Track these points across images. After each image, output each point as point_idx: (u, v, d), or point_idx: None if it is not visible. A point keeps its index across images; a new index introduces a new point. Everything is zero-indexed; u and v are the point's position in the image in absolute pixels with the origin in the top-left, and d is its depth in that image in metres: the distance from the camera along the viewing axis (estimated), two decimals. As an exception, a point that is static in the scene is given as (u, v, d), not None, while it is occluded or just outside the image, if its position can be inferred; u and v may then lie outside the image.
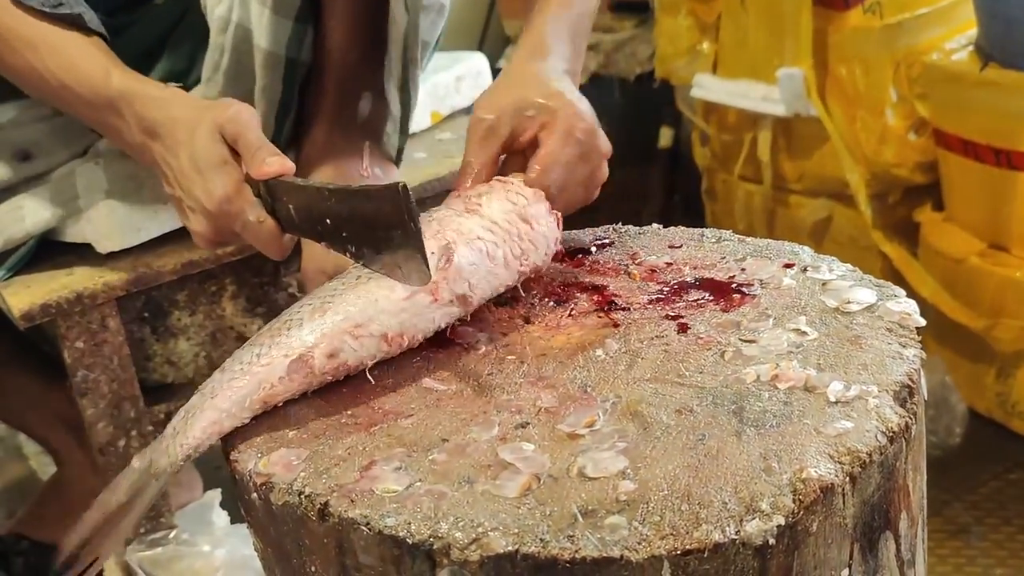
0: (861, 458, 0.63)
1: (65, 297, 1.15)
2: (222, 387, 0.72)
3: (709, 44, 2.22)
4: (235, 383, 0.72)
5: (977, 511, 1.65)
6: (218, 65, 1.17)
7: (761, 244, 0.88)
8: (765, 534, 0.58)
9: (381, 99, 1.22)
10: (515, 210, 0.82)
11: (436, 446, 0.68)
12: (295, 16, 1.14)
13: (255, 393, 0.72)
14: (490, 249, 0.79)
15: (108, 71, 1.00)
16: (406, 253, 0.75)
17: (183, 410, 0.74)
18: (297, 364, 0.73)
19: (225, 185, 0.89)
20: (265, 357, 0.73)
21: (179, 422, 0.73)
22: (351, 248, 0.81)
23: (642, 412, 0.68)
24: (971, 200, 1.83)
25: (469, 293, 0.78)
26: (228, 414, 0.72)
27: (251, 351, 0.74)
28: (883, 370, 0.69)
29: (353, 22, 1.17)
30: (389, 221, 0.75)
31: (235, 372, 0.73)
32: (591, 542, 0.58)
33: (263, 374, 0.72)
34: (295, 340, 0.74)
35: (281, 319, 0.77)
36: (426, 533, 0.60)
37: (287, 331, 0.75)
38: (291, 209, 0.87)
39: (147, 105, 0.97)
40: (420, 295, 0.76)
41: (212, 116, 0.92)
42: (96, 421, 1.19)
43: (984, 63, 1.73)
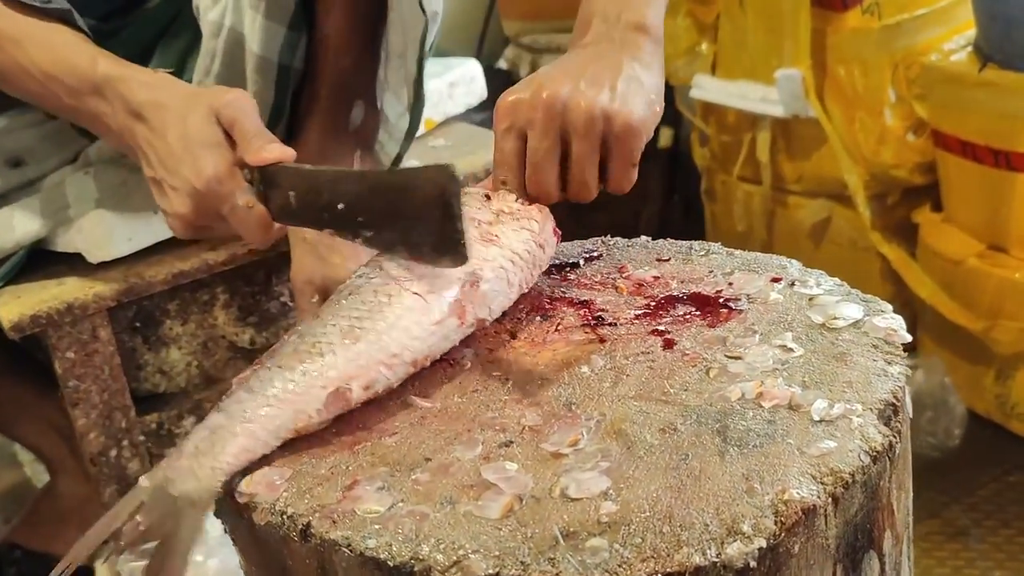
0: (844, 479, 0.62)
1: (56, 308, 1.15)
2: (254, 413, 0.70)
3: (708, 45, 2.22)
4: (269, 411, 0.70)
5: (976, 513, 1.64)
6: (209, 69, 1.17)
7: (749, 257, 0.87)
8: (746, 557, 0.58)
9: (373, 107, 1.21)
10: (532, 238, 0.83)
11: (419, 465, 0.68)
12: (288, 23, 1.14)
13: (290, 424, 0.70)
14: (510, 277, 0.81)
15: (95, 58, 0.99)
16: (443, 235, 0.74)
17: (204, 428, 0.70)
18: (334, 397, 0.71)
19: (216, 165, 0.88)
20: (300, 386, 0.71)
21: (202, 442, 0.69)
22: (365, 233, 0.79)
23: (626, 431, 0.68)
24: (970, 201, 1.82)
25: (487, 317, 0.80)
26: (263, 443, 0.70)
27: (281, 376, 0.72)
28: (868, 388, 0.69)
29: (348, 30, 1.17)
30: (427, 202, 0.74)
31: (268, 398, 0.71)
32: (572, 565, 0.58)
33: (300, 404, 0.71)
34: (331, 371, 0.72)
35: (306, 339, 0.74)
36: (407, 555, 0.60)
37: (320, 357, 0.72)
38: (291, 196, 0.85)
39: (133, 87, 0.96)
40: (450, 319, 0.76)
41: (208, 100, 0.91)
42: (87, 431, 1.20)
43: (983, 64, 1.73)
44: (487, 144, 1.42)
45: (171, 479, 0.69)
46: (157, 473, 0.70)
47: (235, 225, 0.90)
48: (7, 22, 1.01)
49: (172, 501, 0.68)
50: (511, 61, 2.68)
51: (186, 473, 0.68)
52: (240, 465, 0.69)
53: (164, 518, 0.68)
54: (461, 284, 0.77)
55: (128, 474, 1.23)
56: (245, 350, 1.28)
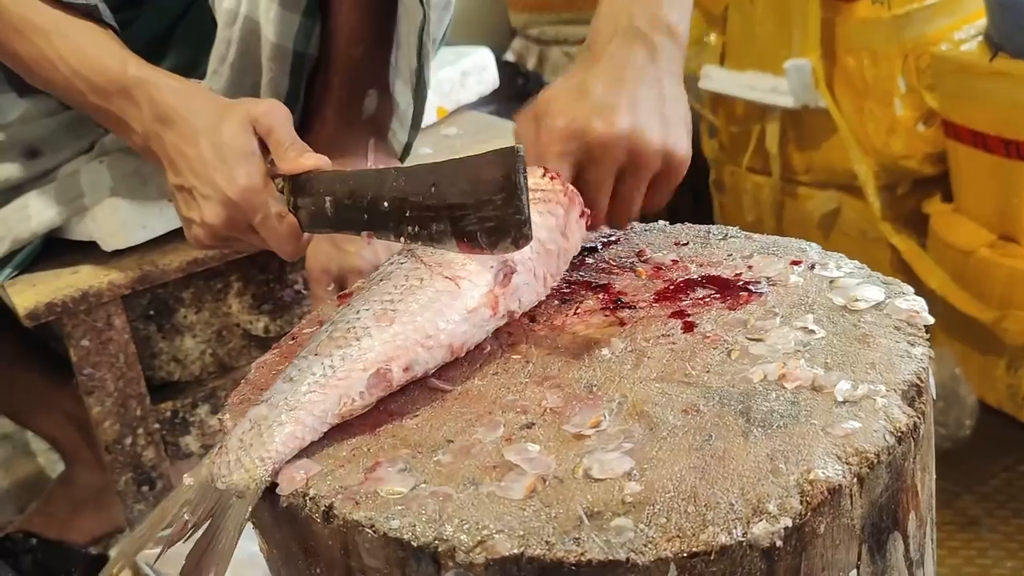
0: (869, 459, 0.62)
1: (71, 296, 1.15)
2: (298, 400, 0.70)
3: (716, 36, 2.21)
4: (313, 397, 0.70)
5: (987, 503, 1.64)
6: (224, 57, 1.17)
7: (768, 241, 0.87)
8: (772, 536, 0.58)
9: (387, 95, 1.21)
10: (556, 226, 0.81)
11: (441, 447, 0.68)
12: (303, 10, 1.14)
13: (335, 408, 0.70)
14: (536, 269, 0.80)
15: (125, 59, 0.99)
16: (506, 218, 0.73)
17: (247, 422, 0.70)
18: (376, 378, 0.71)
19: (251, 174, 0.89)
20: (341, 371, 0.71)
21: (247, 435, 0.69)
22: (409, 230, 0.79)
23: (648, 412, 0.67)
24: (980, 191, 1.82)
25: (517, 309, 0.79)
26: (310, 428, 0.69)
27: (320, 363, 0.71)
28: (891, 369, 0.69)
29: (360, 18, 1.17)
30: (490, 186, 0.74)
31: (310, 385, 0.70)
32: (597, 544, 0.58)
33: (343, 388, 0.70)
34: (370, 353, 0.72)
35: (340, 326, 0.74)
36: (431, 536, 0.60)
37: (356, 341, 0.72)
38: (327, 202, 0.85)
39: (165, 92, 0.96)
40: (483, 308, 0.76)
41: (245, 108, 0.92)
42: (102, 419, 1.20)
43: (993, 53, 1.72)
44: (499, 133, 1.42)
45: (217, 474, 0.68)
46: (201, 470, 0.70)
47: (265, 235, 0.90)
48: (35, 12, 1.01)
49: (218, 495, 0.68)
50: (518, 52, 2.68)
51: (234, 466, 0.68)
52: (289, 453, 0.68)
53: (210, 511, 0.68)
54: (495, 274, 0.77)
55: (143, 462, 1.23)
56: (259, 338, 1.28)
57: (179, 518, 0.69)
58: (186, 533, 0.68)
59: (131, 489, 1.22)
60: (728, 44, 2.19)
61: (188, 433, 1.26)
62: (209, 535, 0.67)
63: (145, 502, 1.24)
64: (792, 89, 2.00)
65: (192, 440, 1.26)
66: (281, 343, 0.84)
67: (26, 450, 1.88)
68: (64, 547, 1.38)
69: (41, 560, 1.35)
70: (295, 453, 0.69)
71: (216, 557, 0.66)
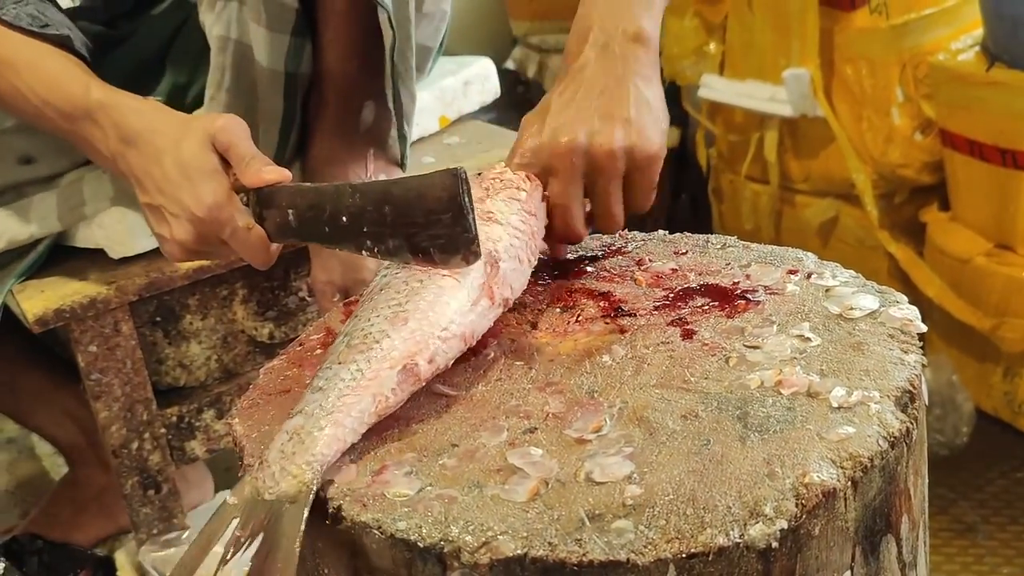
0: (863, 463, 0.63)
1: (79, 302, 1.17)
2: (334, 404, 0.70)
3: (716, 45, 2.23)
4: (348, 399, 0.70)
5: (984, 510, 1.66)
6: (220, 84, 1.18)
7: (765, 250, 0.89)
8: (768, 538, 0.60)
9: (383, 105, 1.23)
10: (522, 207, 0.84)
11: (446, 451, 0.69)
12: (291, 31, 1.15)
13: (371, 407, 0.71)
14: (519, 254, 0.82)
15: (88, 84, 1.01)
16: (454, 236, 0.76)
17: (284, 434, 0.69)
18: (404, 374, 0.72)
19: (215, 192, 0.90)
20: (369, 372, 0.72)
21: (287, 445, 0.69)
22: (368, 244, 0.81)
23: (648, 417, 0.69)
24: (977, 200, 1.83)
25: (510, 296, 0.81)
26: (350, 430, 0.70)
27: (348, 368, 0.72)
28: (885, 376, 0.70)
29: (349, 34, 1.18)
30: (437, 206, 0.76)
31: (342, 389, 0.71)
32: (598, 546, 0.59)
33: (374, 387, 0.71)
34: (393, 352, 0.73)
35: (355, 335, 0.75)
36: (437, 537, 0.62)
37: (377, 344, 0.73)
38: (290, 214, 0.87)
39: (126, 114, 0.97)
40: (483, 299, 0.78)
41: (202, 126, 0.92)
42: (109, 424, 1.21)
43: (990, 63, 1.74)
44: (501, 141, 1.43)
45: (263, 488, 0.68)
46: (244, 488, 0.69)
47: (235, 247, 0.92)
48: (4, 46, 1.03)
49: (268, 506, 0.67)
50: (518, 61, 2.69)
51: (279, 476, 0.68)
52: (333, 456, 0.68)
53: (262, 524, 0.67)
54: (484, 266, 0.79)
55: (149, 466, 1.24)
56: (264, 344, 1.30)
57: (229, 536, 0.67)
58: (240, 549, 0.67)
59: (137, 493, 1.24)
60: (727, 53, 2.20)
61: (193, 438, 1.27)
62: (266, 546, 0.66)
63: (151, 506, 1.25)
64: (791, 98, 2.02)
65: (197, 445, 1.28)
66: (288, 349, 0.86)
67: (31, 454, 1.89)
68: (70, 549, 1.39)
69: (47, 562, 1.36)
70: (339, 456, 0.69)
71: (278, 565, 0.65)
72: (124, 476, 1.23)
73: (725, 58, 2.21)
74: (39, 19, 1.04)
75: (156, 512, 1.25)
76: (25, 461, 1.88)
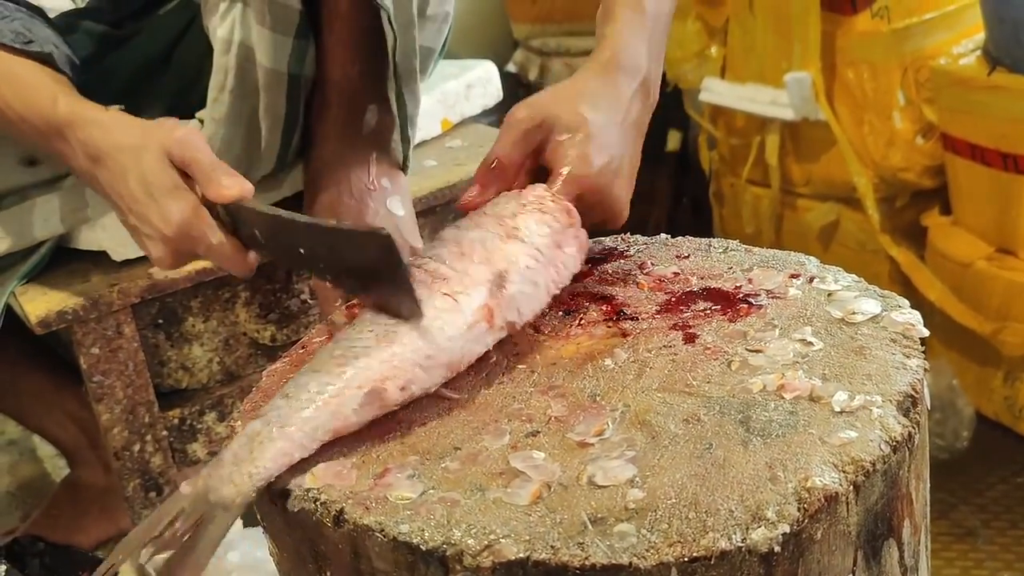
0: (865, 467, 0.64)
1: (81, 304, 1.17)
2: (291, 417, 0.70)
3: (717, 48, 2.23)
4: (305, 413, 0.70)
5: (984, 514, 1.66)
6: (223, 85, 1.18)
7: (768, 254, 0.89)
8: (770, 542, 0.60)
9: (386, 109, 1.23)
10: (551, 235, 0.83)
11: (448, 454, 0.69)
12: (295, 33, 1.15)
13: (328, 424, 0.71)
14: (535, 277, 0.81)
15: (55, 97, 0.99)
16: (395, 294, 0.76)
17: (243, 436, 0.71)
18: (371, 396, 0.72)
19: (182, 210, 0.89)
20: (335, 388, 0.72)
21: (241, 449, 0.70)
22: (328, 277, 0.82)
23: (650, 421, 0.69)
24: (978, 204, 1.83)
25: (517, 320, 0.80)
26: (300, 445, 0.70)
27: (318, 379, 0.72)
28: (887, 380, 0.70)
29: (351, 36, 1.18)
30: (374, 264, 0.76)
31: (303, 401, 0.71)
32: (601, 549, 0.60)
33: (335, 405, 0.71)
34: (367, 372, 0.72)
35: (341, 344, 0.75)
36: (439, 540, 0.62)
37: (355, 360, 0.73)
38: (257, 234, 0.87)
39: (89, 130, 0.95)
40: (480, 324, 0.76)
41: (158, 140, 0.90)
42: (111, 426, 1.21)
43: (992, 67, 1.74)
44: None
45: (211, 486, 0.69)
46: (198, 481, 0.70)
47: (213, 260, 0.92)
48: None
49: (207, 507, 0.69)
50: (520, 64, 2.70)
51: (225, 480, 0.69)
52: (278, 469, 0.69)
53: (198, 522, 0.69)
54: (488, 286, 0.78)
55: (151, 468, 1.24)
56: (266, 347, 1.30)
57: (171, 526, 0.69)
58: (176, 542, 0.69)
59: (139, 495, 1.24)
60: (729, 57, 2.21)
61: (195, 440, 1.27)
62: (188, 546, 0.68)
63: (153, 508, 1.25)
64: (792, 101, 2.02)
65: (199, 447, 1.28)
66: (291, 351, 0.86)
67: (32, 456, 1.89)
68: (71, 551, 1.39)
69: (49, 564, 1.36)
70: (284, 469, 0.70)
71: (191, 566, 0.67)
72: (126, 478, 1.23)
73: (726, 61, 2.21)
74: (23, 35, 1.04)
75: (158, 514, 1.25)
76: (26, 463, 1.88)
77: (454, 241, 0.82)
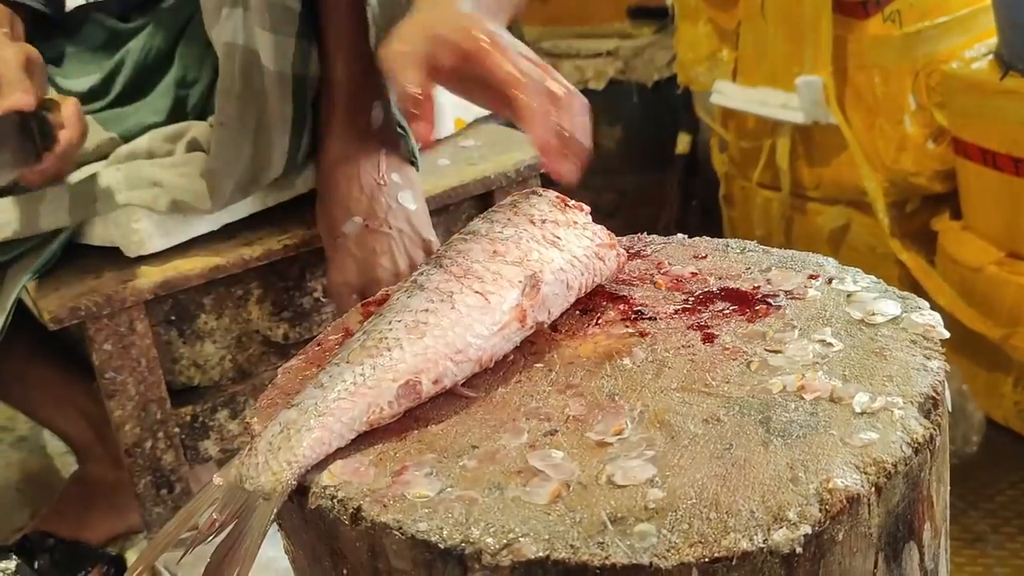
0: (887, 469, 0.63)
1: (94, 300, 1.17)
2: (329, 406, 0.71)
3: (729, 51, 2.23)
4: (343, 404, 0.71)
5: (994, 519, 1.65)
6: (230, 91, 1.18)
7: (786, 255, 0.89)
8: (792, 543, 0.59)
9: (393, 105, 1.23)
10: (591, 247, 0.83)
11: (466, 452, 0.69)
12: (296, 33, 1.15)
13: (364, 416, 0.71)
14: (569, 280, 0.81)
15: None
16: None
17: (276, 424, 0.71)
18: (406, 389, 0.72)
19: None
20: (371, 379, 0.72)
21: (276, 437, 0.70)
22: None
23: (670, 421, 0.69)
24: (989, 209, 1.83)
25: (546, 319, 0.80)
26: (337, 435, 0.70)
27: (352, 371, 0.72)
28: (908, 382, 0.70)
29: (351, 34, 1.18)
30: None
31: (340, 392, 0.71)
32: (621, 549, 0.59)
33: (372, 396, 0.71)
34: (400, 364, 0.73)
35: (371, 335, 0.75)
36: (458, 538, 0.61)
37: (388, 352, 0.73)
38: None
39: None
40: (512, 323, 0.77)
41: None
42: (123, 422, 1.21)
43: (1004, 72, 1.74)
44: (515, 144, 1.43)
45: (246, 475, 0.69)
46: (231, 471, 0.71)
47: None
48: None
49: (246, 496, 0.69)
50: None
51: (261, 468, 0.69)
52: (316, 458, 0.69)
53: (237, 512, 0.69)
54: (523, 287, 0.77)
55: (163, 465, 1.24)
56: (278, 345, 1.30)
57: (207, 517, 0.69)
58: (213, 532, 0.69)
59: (150, 492, 1.24)
60: (740, 60, 2.21)
61: (207, 437, 1.27)
62: (234, 536, 0.68)
63: (164, 505, 1.25)
64: (803, 105, 2.02)
65: (211, 444, 1.28)
66: (307, 349, 0.86)
67: (42, 452, 1.89)
68: (81, 547, 1.39)
69: (58, 560, 1.36)
70: (322, 458, 0.70)
71: (240, 558, 0.67)
72: (137, 475, 1.23)
73: (738, 64, 2.21)
74: None
75: (169, 512, 1.25)
76: (36, 459, 1.88)
77: (488, 239, 0.81)
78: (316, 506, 0.67)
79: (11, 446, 1.92)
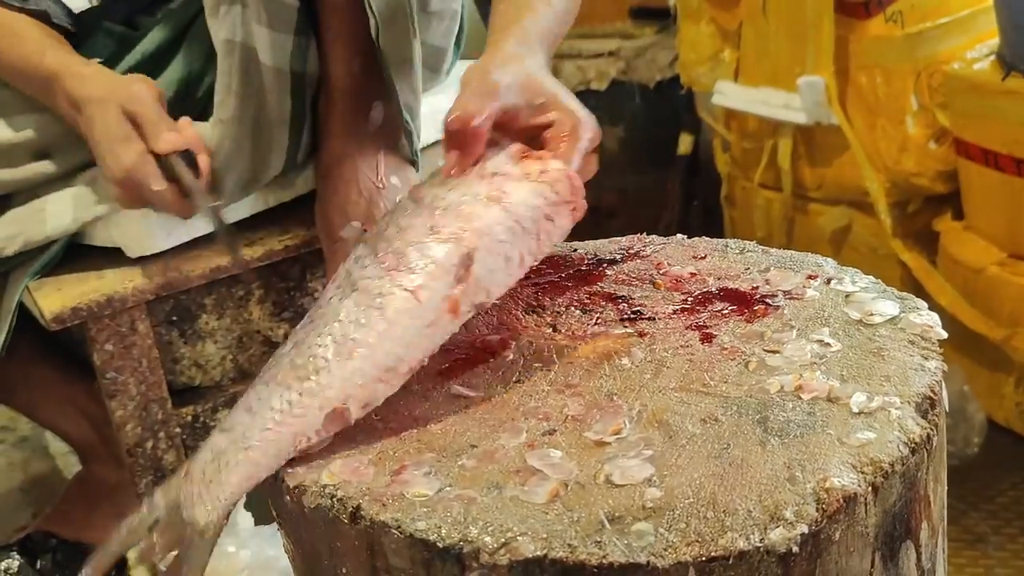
0: (883, 468, 0.64)
1: (96, 300, 1.17)
2: (254, 437, 0.70)
3: (731, 52, 2.23)
4: (268, 435, 0.70)
5: (995, 520, 1.65)
6: (229, 87, 1.18)
7: (785, 255, 0.89)
8: (789, 542, 0.60)
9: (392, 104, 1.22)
10: (542, 208, 0.78)
11: (465, 452, 0.69)
12: (294, 30, 1.15)
13: (290, 447, 0.71)
14: (509, 252, 0.77)
15: (43, 50, 1.13)
16: None
17: (209, 451, 0.71)
18: (333, 416, 0.71)
19: (129, 158, 1.05)
20: (298, 407, 0.71)
21: (209, 467, 0.70)
22: None
23: (667, 421, 0.69)
24: (991, 210, 1.83)
25: (486, 299, 0.77)
26: (265, 467, 0.70)
27: (279, 396, 0.72)
28: (905, 382, 0.70)
29: (349, 31, 1.18)
30: None
31: (266, 420, 0.71)
32: (618, 548, 0.60)
33: (298, 426, 0.71)
34: (328, 390, 0.71)
35: (301, 351, 0.74)
36: (456, 537, 0.62)
37: (315, 375, 0.72)
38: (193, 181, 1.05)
39: (71, 82, 1.09)
40: (444, 317, 0.74)
41: (116, 96, 1.06)
42: (124, 423, 1.21)
43: (1006, 72, 1.73)
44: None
45: (183, 502, 0.71)
46: (170, 491, 0.72)
47: (156, 204, 1.07)
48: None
49: (184, 526, 0.70)
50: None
51: (196, 500, 0.70)
52: (244, 491, 0.70)
53: (178, 539, 0.70)
54: (454, 272, 0.74)
55: (164, 465, 1.24)
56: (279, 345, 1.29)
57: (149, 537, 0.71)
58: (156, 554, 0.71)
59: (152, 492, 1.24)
60: (742, 60, 2.21)
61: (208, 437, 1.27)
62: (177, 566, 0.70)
63: (164, 504, 1.25)
64: (805, 106, 2.02)
65: (212, 444, 1.28)
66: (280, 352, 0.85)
67: (44, 452, 1.89)
68: (84, 547, 1.39)
69: (61, 560, 1.36)
70: (251, 488, 0.71)
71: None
72: (139, 475, 1.23)
73: (739, 65, 2.21)
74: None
75: (169, 511, 1.25)
76: (38, 460, 1.88)
77: (429, 208, 0.78)
78: (315, 505, 0.68)
79: (14, 446, 1.93)
